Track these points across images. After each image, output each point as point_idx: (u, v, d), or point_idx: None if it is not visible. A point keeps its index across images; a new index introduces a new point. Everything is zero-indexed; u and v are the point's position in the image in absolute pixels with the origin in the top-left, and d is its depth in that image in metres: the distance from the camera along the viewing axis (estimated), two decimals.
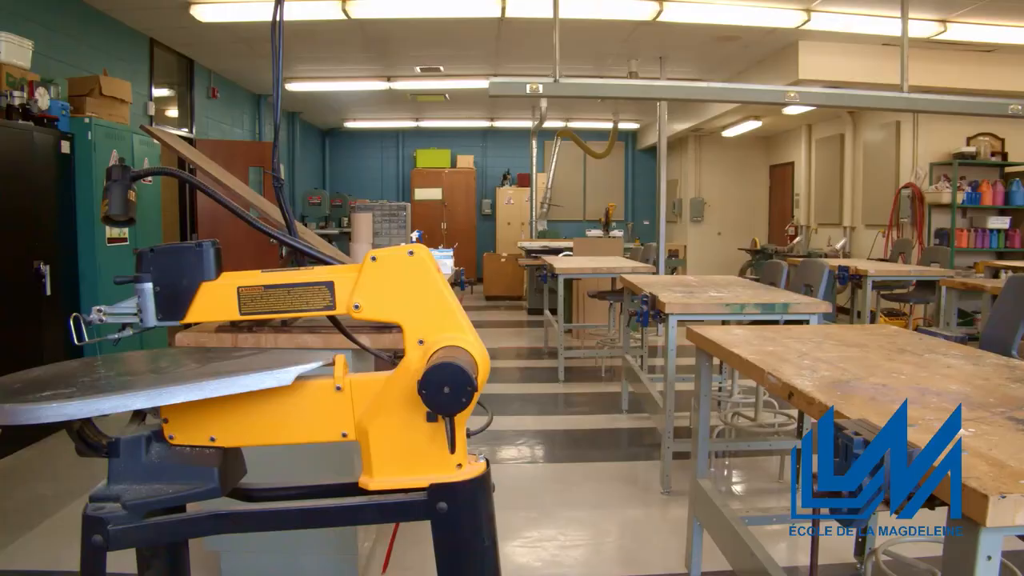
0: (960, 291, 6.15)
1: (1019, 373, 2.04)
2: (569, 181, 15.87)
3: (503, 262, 12.77)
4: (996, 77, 8.42)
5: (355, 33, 7.99)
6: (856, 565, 3.21)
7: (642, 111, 13.63)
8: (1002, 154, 9.92)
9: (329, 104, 12.90)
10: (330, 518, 1.42)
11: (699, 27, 7.48)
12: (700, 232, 15.12)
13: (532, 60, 9.12)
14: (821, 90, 7.04)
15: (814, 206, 13.02)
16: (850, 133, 11.74)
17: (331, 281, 1.34)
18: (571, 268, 6.95)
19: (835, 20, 7.23)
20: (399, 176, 16.10)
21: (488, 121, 15.01)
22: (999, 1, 6.76)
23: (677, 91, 7.50)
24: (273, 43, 1.55)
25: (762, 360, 2.19)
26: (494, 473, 1.42)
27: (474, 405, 1.24)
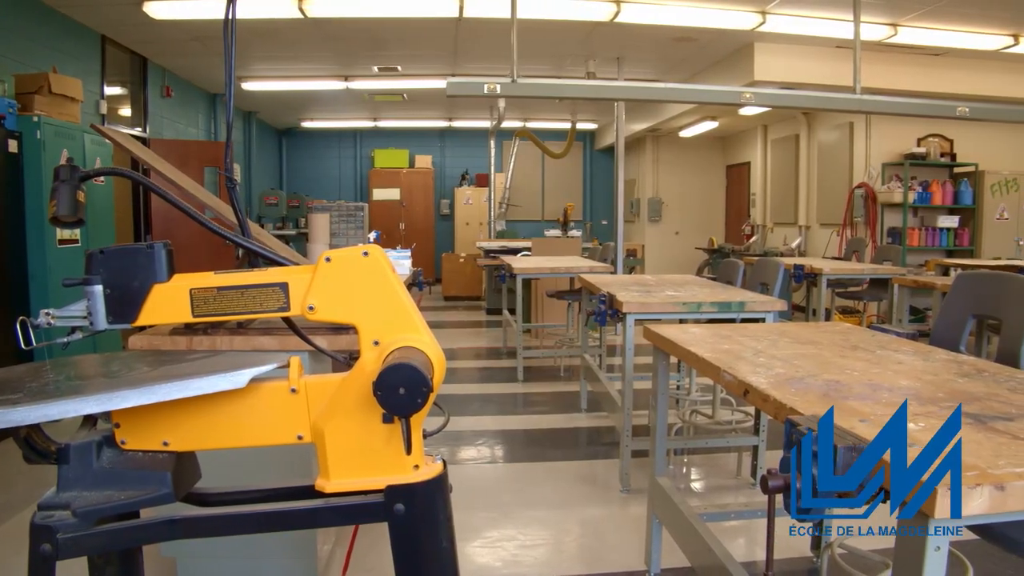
0: (912, 289, 6.27)
1: (967, 368, 2.08)
2: (527, 181, 15.89)
3: (462, 262, 12.75)
4: (945, 80, 8.60)
5: (312, 32, 7.93)
6: (813, 559, 3.26)
7: (600, 111, 13.70)
8: (951, 155, 10.14)
9: (286, 104, 12.78)
10: (286, 522, 1.40)
11: (656, 28, 7.53)
12: (658, 232, 15.23)
13: (490, 60, 9.13)
14: (776, 91, 7.14)
15: (770, 206, 13.18)
16: (805, 134, 11.91)
17: (285, 282, 1.33)
18: (529, 268, 6.96)
19: (789, 22, 7.33)
20: (357, 176, 16.00)
21: (446, 121, 14.98)
22: (947, 7, 6.91)
23: (634, 92, 7.55)
24: (226, 41, 1.52)
25: (718, 358, 2.21)
26: (453, 474, 1.42)
27: (430, 406, 1.23)
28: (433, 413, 1.34)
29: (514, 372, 6.93)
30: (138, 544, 1.47)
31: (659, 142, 15.13)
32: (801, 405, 1.63)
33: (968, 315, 2.84)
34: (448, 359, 1.28)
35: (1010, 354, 2.53)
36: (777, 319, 3.74)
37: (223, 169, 1.60)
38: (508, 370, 7.17)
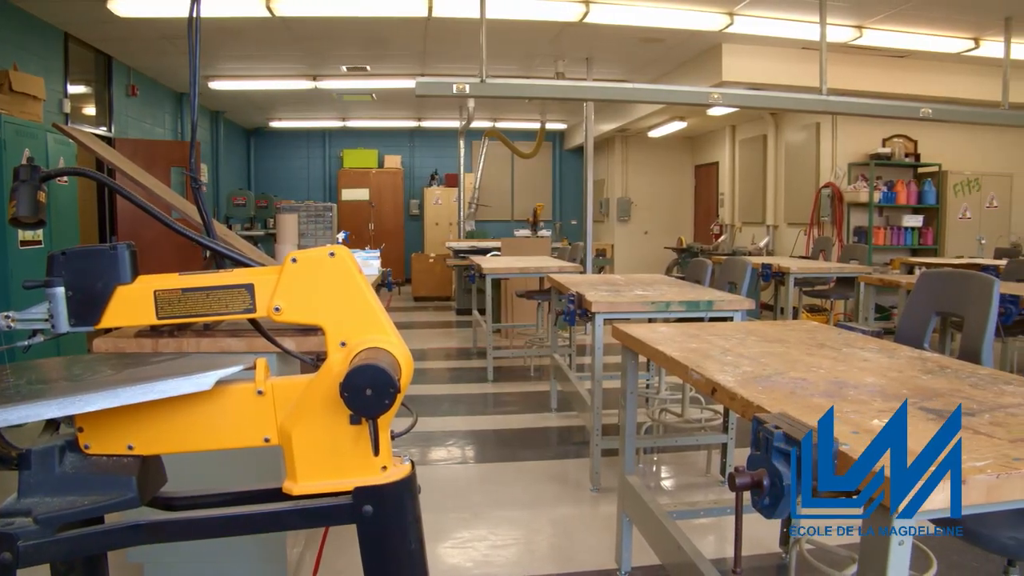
0: (877, 287, 6.36)
1: (930, 365, 2.11)
2: (497, 181, 15.89)
3: (431, 263, 12.72)
4: (909, 81, 8.72)
5: (280, 31, 7.88)
6: (781, 555, 3.30)
7: (569, 111, 13.73)
8: (915, 155, 10.29)
9: (254, 103, 12.68)
10: (253, 525, 1.39)
11: (625, 29, 7.56)
12: (627, 231, 15.30)
13: (460, 60, 9.12)
14: (744, 92, 7.21)
15: (738, 205, 13.29)
16: (772, 134, 12.02)
17: (251, 283, 1.32)
18: (499, 268, 6.96)
19: (757, 24, 7.39)
20: (326, 176, 15.91)
21: (415, 121, 14.93)
22: (911, 10, 7.00)
23: (603, 92, 7.59)
24: (190, 40, 1.51)
25: (686, 357, 2.22)
26: (424, 475, 1.41)
27: (398, 407, 1.23)
28: (401, 414, 1.34)
29: (484, 372, 6.92)
30: (102, 550, 1.45)
31: (628, 142, 15.19)
32: (768, 403, 1.65)
33: (931, 313, 2.88)
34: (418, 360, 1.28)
35: (972, 351, 2.57)
36: (745, 318, 3.76)
37: (188, 169, 1.59)
38: (478, 370, 7.17)
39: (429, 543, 3.50)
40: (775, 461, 1.32)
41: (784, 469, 1.31)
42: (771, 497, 1.33)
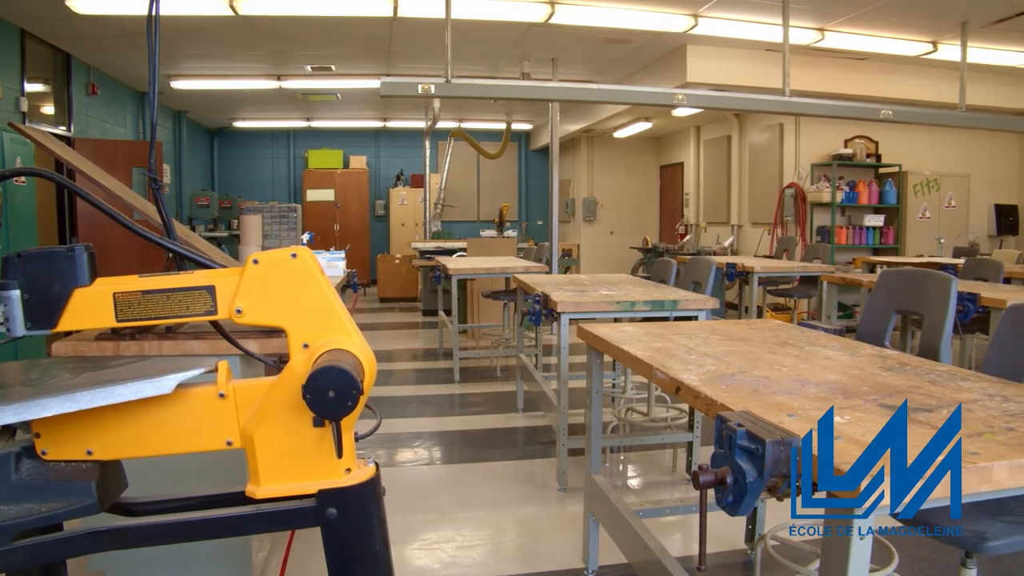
0: (839, 286, 6.43)
1: (890, 362, 2.14)
2: (463, 182, 15.87)
3: (397, 263, 12.67)
4: (869, 83, 8.85)
5: (243, 30, 7.80)
6: (747, 551, 3.33)
7: (535, 112, 13.75)
8: (876, 156, 10.44)
9: (217, 103, 12.54)
10: (216, 529, 1.37)
11: (590, 30, 7.59)
12: (593, 231, 15.35)
13: (425, 60, 9.09)
14: (708, 93, 7.26)
15: (703, 205, 13.39)
16: (736, 135, 12.13)
17: (212, 285, 1.30)
18: (464, 268, 6.95)
19: (721, 26, 7.45)
20: (290, 177, 15.78)
21: (381, 121, 14.86)
22: (871, 13, 7.10)
23: (569, 92, 7.61)
24: (149, 38, 1.49)
25: (651, 356, 2.23)
26: (391, 476, 1.41)
27: (361, 408, 1.22)
28: (365, 416, 1.33)
29: (450, 373, 6.91)
30: (61, 558, 1.43)
31: (594, 143, 15.25)
32: (731, 401, 1.66)
33: (892, 311, 2.92)
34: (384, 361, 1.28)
35: (931, 348, 2.61)
36: (709, 317, 3.79)
37: (148, 170, 1.57)
38: (444, 371, 7.15)
39: (396, 545, 3.49)
40: (738, 459, 1.33)
41: (747, 467, 1.32)
42: (735, 495, 1.34)
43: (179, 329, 2.57)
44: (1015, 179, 11.01)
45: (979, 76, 8.57)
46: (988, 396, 1.74)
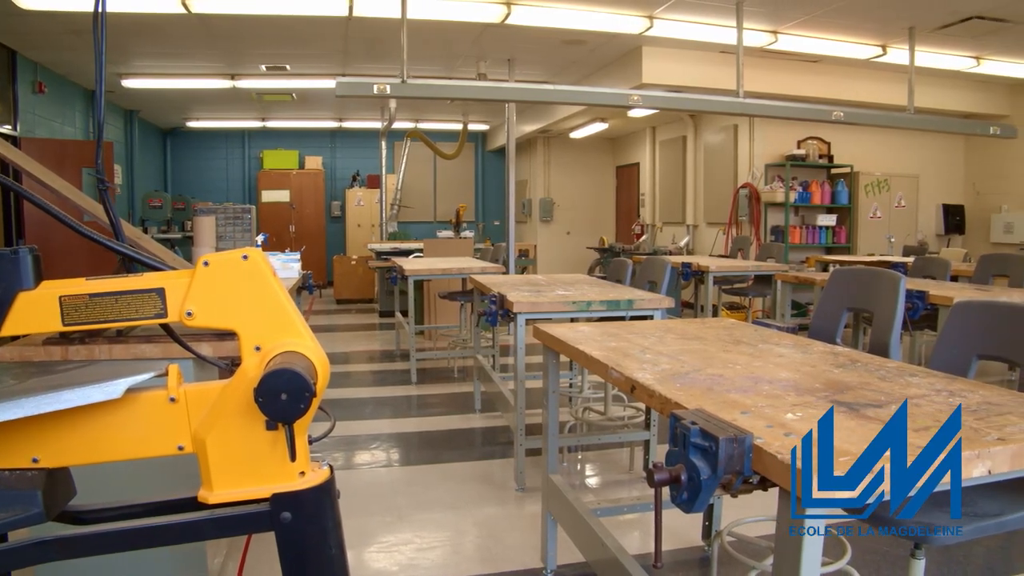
0: (793, 284, 6.52)
1: (842, 359, 2.17)
2: (419, 182, 15.82)
3: (354, 265, 12.59)
4: (822, 86, 8.99)
5: (196, 28, 7.70)
6: (704, 547, 3.36)
7: (491, 113, 13.75)
8: (828, 156, 10.61)
9: (170, 102, 12.35)
10: (168, 536, 1.35)
11: (546, 31, 7.61)
12: (550, 232, 15.40)
13: (381, 60, 9.05)
14: (663, 94, 7.33)
15: (659, 205, 13.49)
16: (692, 135, 12.24)
17: (162, 288, 1.28)
18: (421, 269, 6.93)
19: (676, 28, 7.51)
20: (245, 178, 15.60)
21: (337, 122, 14.76)
22: (823, 17, 7.22)
23: (525, 93, 7.63)
24: (96, 36, 1.46)
25: (606, 356, 2.24)
26: (348, 479, 1.40)
27: (314, 411, 1.21)
28: (319, 418, 1.32)
29: (407, 374, 6.89)
30: (6, 570, 1.39)
31: (550, 143, 15.30)
32: (685, 399, 1.67)
33: (843, 309, 2.97)
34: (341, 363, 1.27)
35: (881, 344, 2.66)
36: (665, 316, 3.82)
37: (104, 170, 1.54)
38: (402, 372, 7.13)
39: (354, 548, 3.46)
40: (692, 457, 1.34)
41: (701, 464, 1.33)
42: (689, 492, 1.35)
43: (130, 333, 2.53)
44: (961, 180, 11.26)
45: (927, 79, 8.76)
46: (935, 391, 1.78)
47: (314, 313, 11.42)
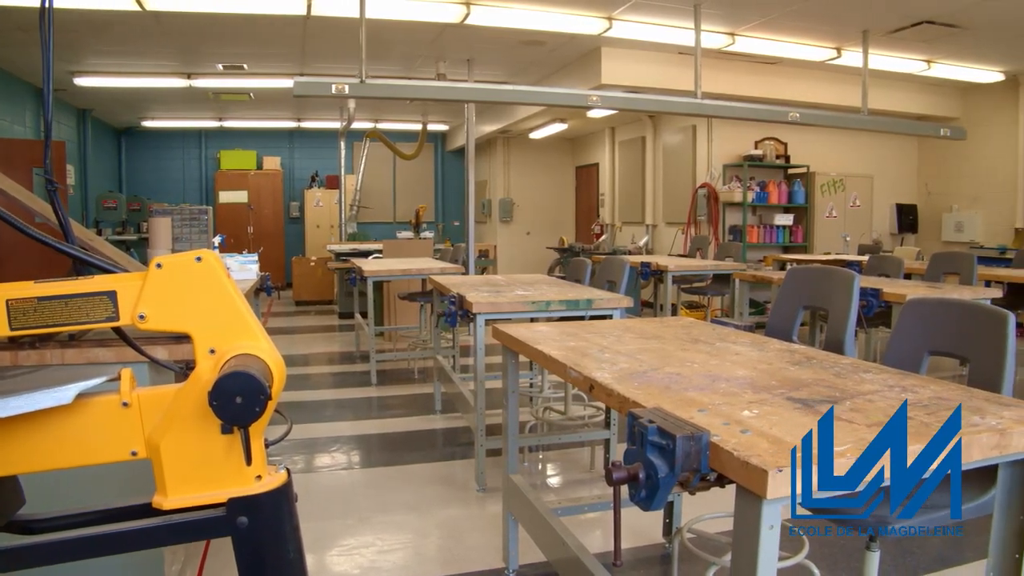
0: (751, 283, 6.60)
1: (797, 357, 2.20)
2: (379, 183, 15.74)
3: (312, 266, 12.49)
4: (778, 87, 9.10)
5: (151, 26, 7.57)
6: (665, 544, 3.39)
7: (451, 113, 13.73)
8: (785, 157, 10.74)
9: (125, 101, 12.13)
10: (122, 544, 1.33)
11: (506, 31, 7.61)
12: (510, 232, 15.41)
13: (340, 60, 8.99)
14: (622, 95, 7.36)
15: (618, 205, 13.56)
16: (651, 136, 12.32)
17: (113, 291, 1.26)
18: (380, 270, 6.89)
19: (635, 29, 7.54)
20: (202, 178, 15.39)
21: (295, 122, 14.63)
22: (779, 19, 7.31)
23: (484, 93, 7.62)
24: (42, 32, 1.43)
25: (565, 355, 2.25)
26: (308, 482, 1.39)
27: (270, 414, 1.20)
28: (276, 421, 1.30)
29: (368, 376, 6.85)
30: None
31: (510, 144, 15.31)
32: (643, 398, 1.68)
33: (799, 307, 3.01)
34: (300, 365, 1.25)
35: (836, 342, 2.70)
36: (624, 315, 3.84)
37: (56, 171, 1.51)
38: (362, 374, 7.09)
39: (314, 552, 3.44)
40: (650, 455, 1.35)
41: (659, 462, 1.34)
42: (647, 490, 1.36)
43: (83, 336, 2.48)
44: (913, 180, 11.47)
45: (880, 82, 8.90)
46: (888, 387, 1.81)
47: (273, 315, 11.32)
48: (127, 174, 14.93)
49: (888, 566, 3.14)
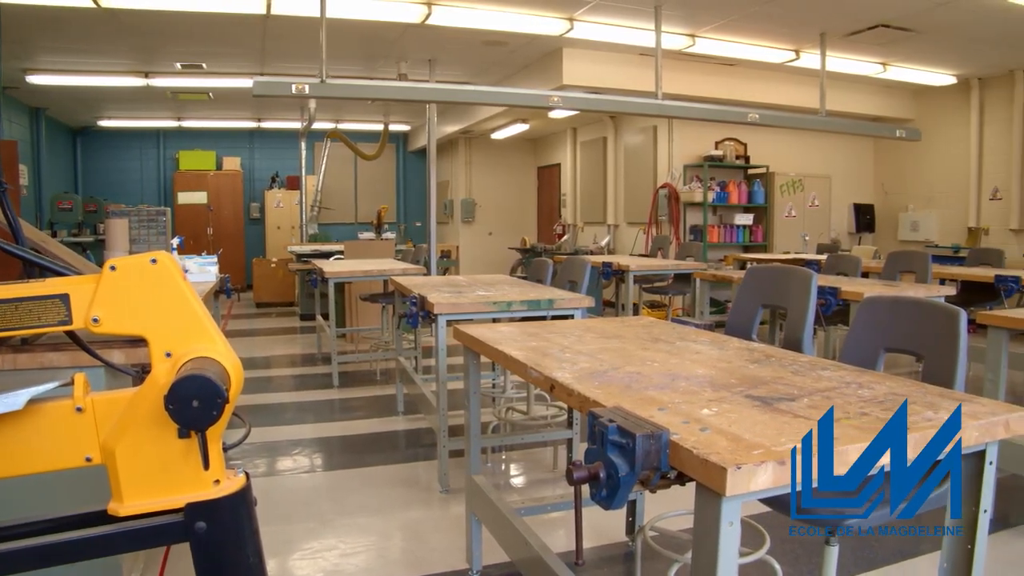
0: (711, 282, 6.66)
1: (756, 355, 2.22)
2: (340, 183, 15.64)
3: (273, 267, 12.37)
4: (738, 88, 9.20)
5: (107, 23, 7.44)
6: (628, 543, 3.40)
7: (413, 113, 13.68)
8: (745, 157, 10.86)
9: (80, 100, 11.92)
10: (77, 552, 1.30)
11: (467, 31, 7.60)
12: (472, 232, 15.40)
13: (300, 60, 8.92)
14: (583, 95, 7.40)
15: (580, 205, 13.61)
16: (612, 136, 12.39)
17: (66, 293, 1.23)
18: (341, 272, 6.85)
19: (596, 30, 7.58)
20: (160, 179, 15.17)
21: (255, 122, 14.48)
22: (739, 21, 7.39)
23: (446, 94, 7.61)
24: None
25: (526, 355, 2.25)
26: (270, 486, 1.37)
27: (228, 417, 1.18)
28: (235, 425, 1.29)
29: (329, 378, 6.81)
30: None
31: (471, 144, 15.30)
32: (603, 397, 1.69)
33: (758, 306, 3.04)
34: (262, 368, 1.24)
35: (794, 340, 2.73)
36: (586, 315, 3.85)
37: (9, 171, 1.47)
38: (323, 376, 7.04)
39: (277, 556, 3.41)
40: (610, 454, 1.35)
41: (619, 461, 1.34)
42: (608, 489, 1.36)
43: (36, 341, 2.43)
44: (871, 180, 11.66)
45: (838, 84, 9.03)
46: (845, 384, 1.83)
47: (233, 317, 11.19)
48: (83, 175, 14.68)
49: (847, 560, 3.19)
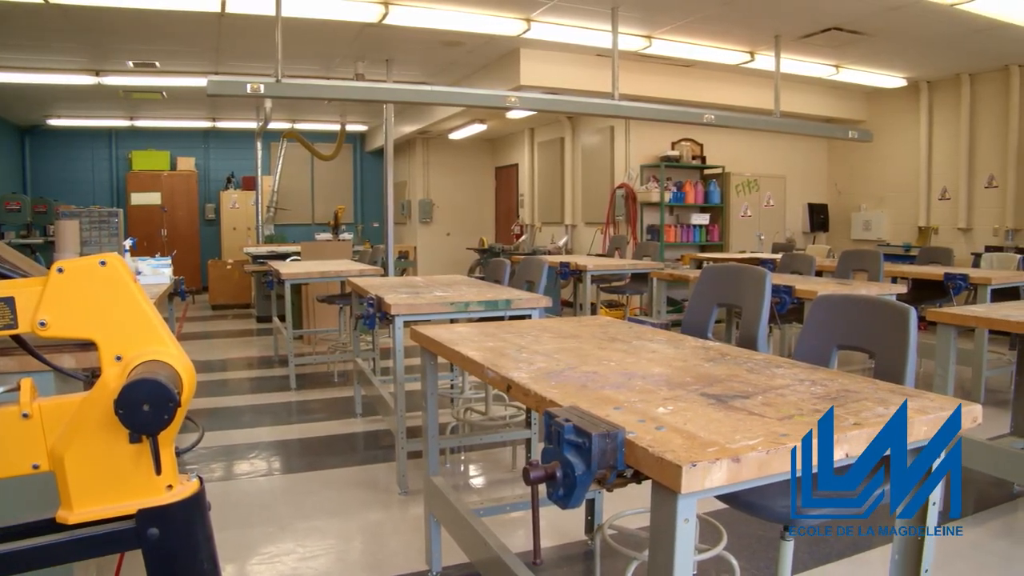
0: (668, 282, 6.71)
1: (712, 353, 2.25)
2: (296, 184, 15.51)
3: (229, 269, 12.23)
4: (694, 89, 9.29)
5: (56, 19, 7.27)
6: (587, 541, 3.42)
7: (370, 113, 13.61)
8: (701, 157, 10.97)
9: (28, 98, 11.66)
10: (24, 562, 1.27)
11: (425, 31, 7.58)
12: (429, 233, 15.37)
13: (256, 59, 8.82)
14: (540, 96, 7.42)
15: (538, 206, 13.64)
16: (569, 137, 12.43)
17: (11, 296, 1.21)
18: (298, 273, 6.79)
19: (553, 30, 7.60)
20: (113, 180, 14.91)
21: (210, 122, 14.30)
22: (695, 23, 7.46)
23: (403, 94, 7.59)
24: None
25: (482, 356, 2.25)
26: (227, 490, 1.36)
27: (180, 421, 1.17)
28: (188, 429, 1.27)
29: (287, 380, 6.74)
30: None
31: (429, 144, 15.27)
32: (559, 397, 1.70)
33: (713, 304, 3.08)
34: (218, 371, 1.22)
35: (749, 338, 2.76)
36: (543, 315, 3.86)
37: None
38: (281, 378, 6.97)
39: (235, 561, 3.38)
40: (567, 453, 1.36)
41: (576, 460, 1.35)
42: (564, 488, 1.37)
43: None
44: (824, 180, 11.84)
45: (792, 85, 9.16)
46: (799, 381, 1.86)
47: (188, 320, 11.03)
48: (32, 175, 14.37)
49: (804, 554, 3.23)
